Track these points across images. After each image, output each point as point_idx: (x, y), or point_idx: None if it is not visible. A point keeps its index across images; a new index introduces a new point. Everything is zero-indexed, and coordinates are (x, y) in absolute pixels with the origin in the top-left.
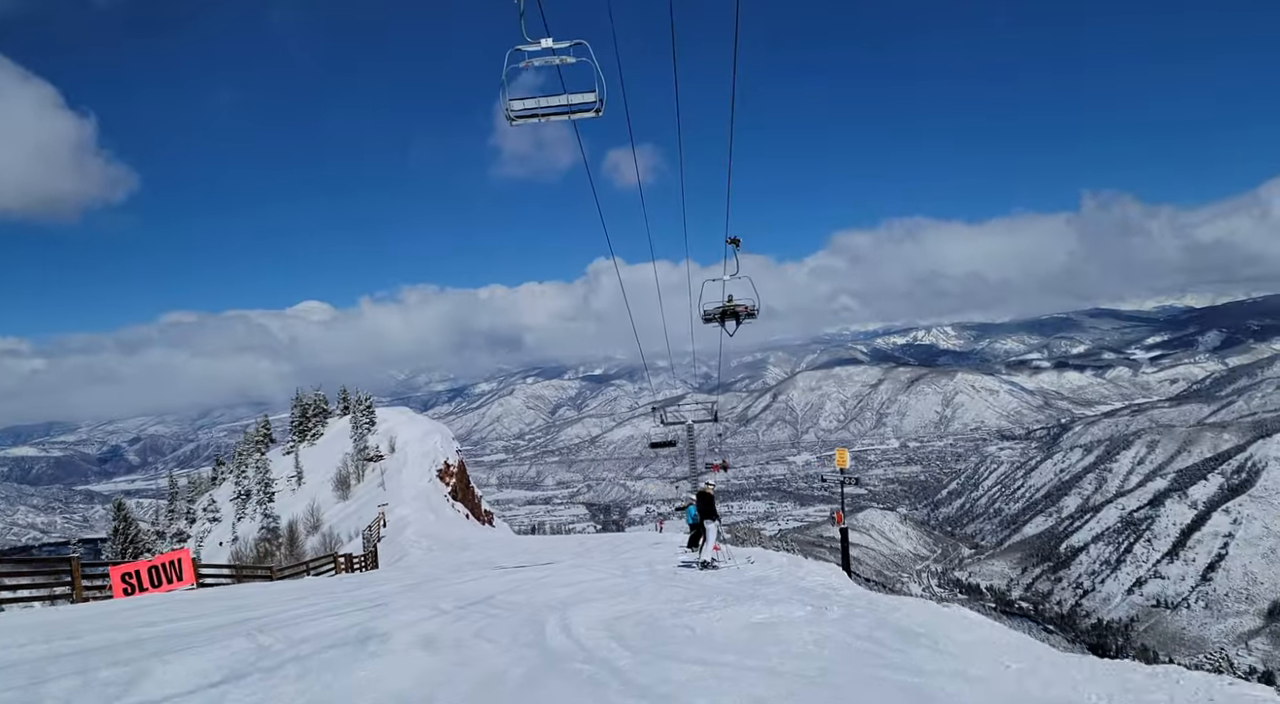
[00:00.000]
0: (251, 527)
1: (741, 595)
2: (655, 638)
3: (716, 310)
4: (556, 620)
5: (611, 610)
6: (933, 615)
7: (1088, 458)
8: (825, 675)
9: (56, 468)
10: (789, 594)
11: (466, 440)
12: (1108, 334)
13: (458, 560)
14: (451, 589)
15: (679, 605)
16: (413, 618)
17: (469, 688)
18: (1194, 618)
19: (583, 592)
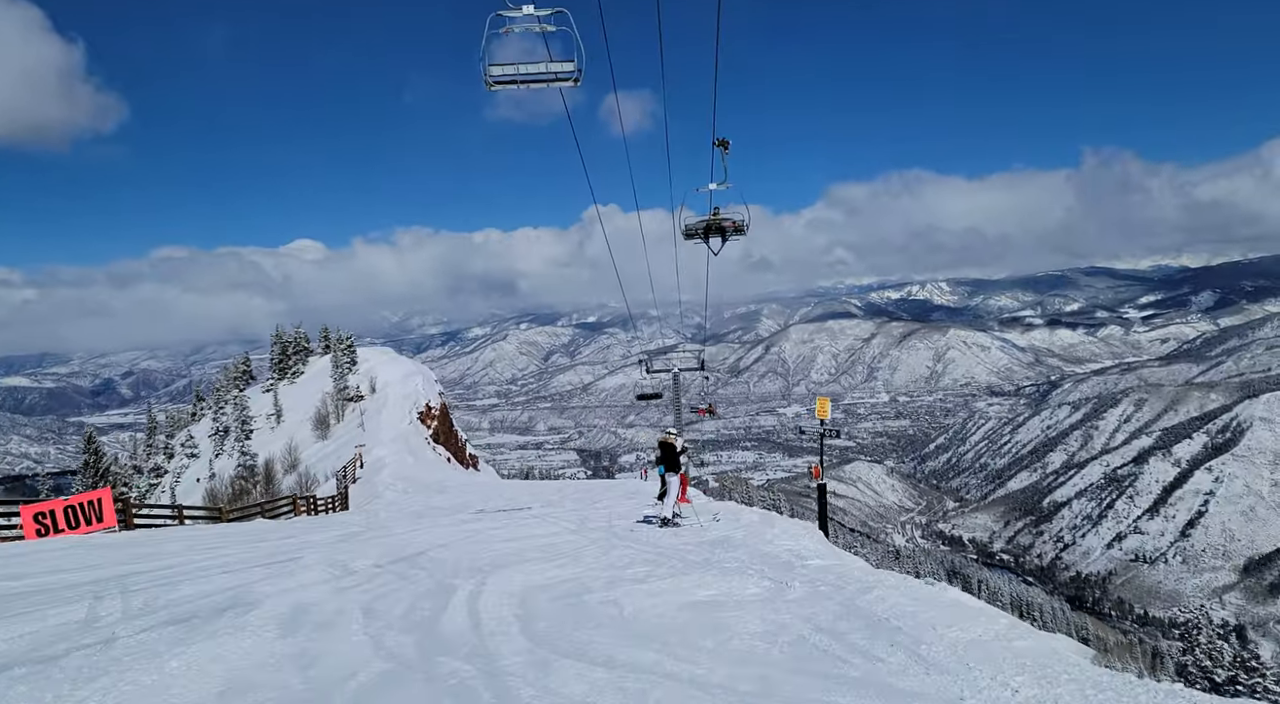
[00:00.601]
0: (229, 464)
1: (695, 562)
2: (571, 619)
3: (699, 225)
4: (470, 589)
5: (541, 577)
6: (913, 602)
7: (1075, 415)
8: (765, 692)
9: (49, 399)
10: (750, 562)
11: (459, 385)
12: (1102, 293)
13: (426, 505)
14: (388, 541)
15: (619, 572)
16: (307, 581)
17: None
18: (1170, 572)
19: (523, 550)
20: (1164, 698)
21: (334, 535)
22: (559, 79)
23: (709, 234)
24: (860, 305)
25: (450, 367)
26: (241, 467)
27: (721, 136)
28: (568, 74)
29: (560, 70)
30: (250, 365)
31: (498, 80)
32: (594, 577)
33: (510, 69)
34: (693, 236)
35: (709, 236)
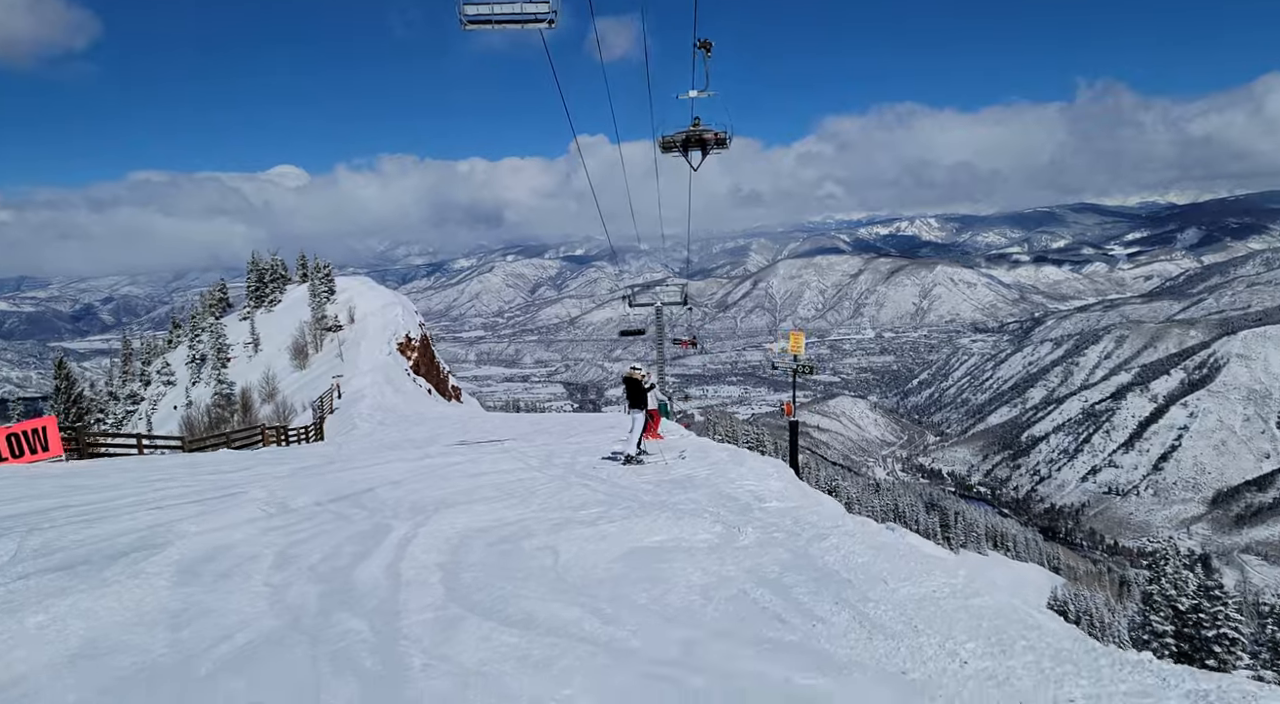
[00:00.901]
0: (205, 392)
1: (650, 503)
2: (501, 569)
3: (678, 137)
4: (405, 532)
5: (485, 518)
6: (869, 550)
7: (1057, 351)
8: (687, 659)
9: (29, 323)
10: (708, 503)
11: (445, 317)
12: (1089, 229)
13: (401, 437)
14: (343, 476)
15: (569, 514)
16: (235, 519)
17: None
18: (1142, 504)
19: (477, 487)
20: (1129, 671)
21: (290, 468)
22: (534, 20)
23: (688, 147)
24: (849, 241)
25: (436, 298)
26: (218, 395)
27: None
28: (542, 15)
29: (535, 11)
30: (227, 293)
31: (472, 20)
32: (541, 519)
33: (485, 9)
34: (671, 149)
35: (688, 150)
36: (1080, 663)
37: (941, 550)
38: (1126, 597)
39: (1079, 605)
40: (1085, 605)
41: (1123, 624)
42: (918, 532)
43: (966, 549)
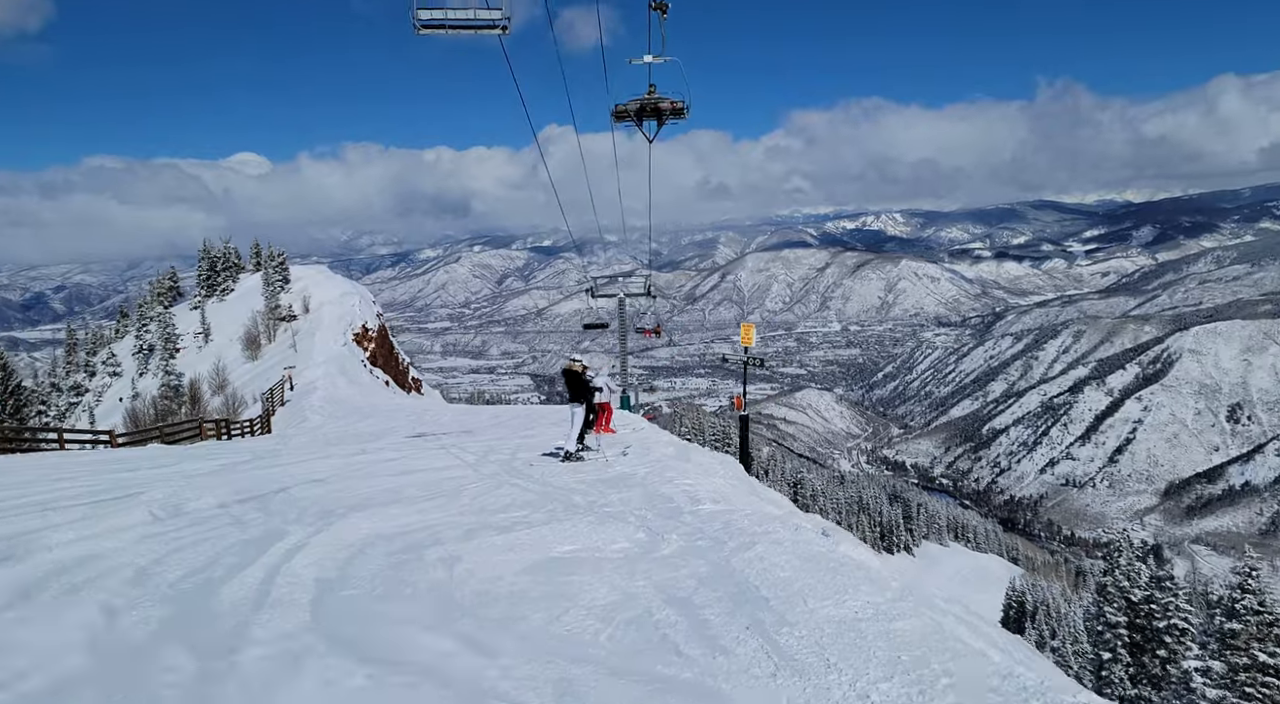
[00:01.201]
0: (153, 383)
1: (578, 504)
2: (387, 585)
3: (632, 105)
4: (298, 540)
5: (395, 522)
6: (797, 561)
7: (1017, 346)
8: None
9: None
10: (639, 505)
11: (410, 307)
12: (1049, 226)
13: (348, 430)
14: (262, 474)
15: (487, 518)
16: (117, 525)
17: None
18: (1097, 496)
19: (401, 487)
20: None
21: (215, 465)
22: (486, 26)
23: (642, 116)
24: (816, 235)
25: (401, 288)
26: (165, 387)
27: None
28: (496, 21)
29: (489, 18)
30: (178, 282)
31: (425, 24)
32: (455, 523)
33: (439, 14)
34: (624, 119)
35: (643, 119)
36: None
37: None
38: (1082, 587)
39: (1036, 596)
40: (1042, 596)
41: (1078, 614)
42: (877, 526)
43: (929, 540)
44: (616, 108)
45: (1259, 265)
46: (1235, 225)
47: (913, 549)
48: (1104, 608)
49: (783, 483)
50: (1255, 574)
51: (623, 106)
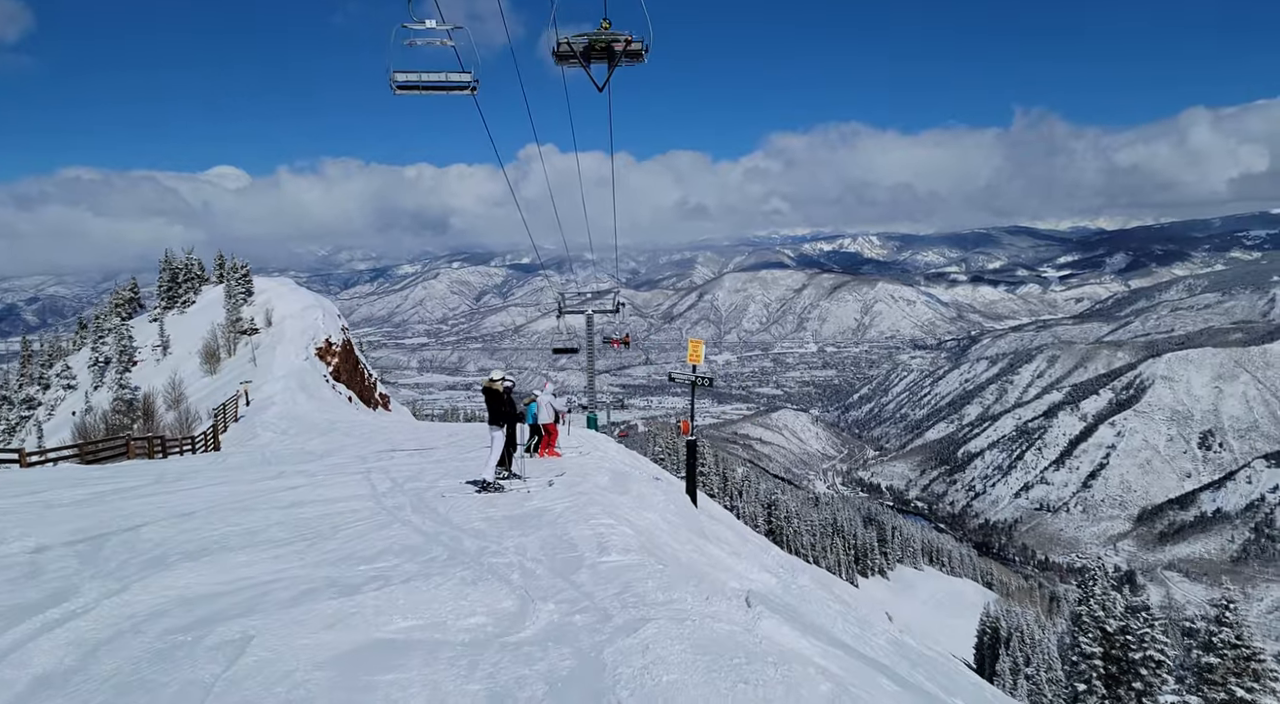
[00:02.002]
0: (108, 397)
1: (463, 552)
2: (122, 690)
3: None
4: (75, 605)
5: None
6: (690, 653)
7: (992, 369)
8: None
9: None
10: (535, 553)
11: (387, 322)
12: (1024, 251)
13: (296, 448)
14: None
15: (340, 572)
16: None
17: None
18: (1071, 521)
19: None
20: None
21: (87, 493)
22: (457, 87)
23: (590, 57)
24: (793, 256)
25: (379, 304)
26: (119, 400)
27: None
28: (465, 83)
29: (459, 80)
30: (139, 293)
31: (401, 86)
32: (298, 579)
33: (414, 76)
34: (568, 59)
35: (590, 61)
36: None
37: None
38: (1056, 613)
39: (1010, 622)
40: (1016, 622)
41: (1052, 641)
42: (851, 549)
43: (904, 564)
44: (558, 46)
45: (1229, 294)
46: (1206, 254)
47: (887, 573)
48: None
49: (757, 503)
50: (1232, 607)
51: (567, 43)
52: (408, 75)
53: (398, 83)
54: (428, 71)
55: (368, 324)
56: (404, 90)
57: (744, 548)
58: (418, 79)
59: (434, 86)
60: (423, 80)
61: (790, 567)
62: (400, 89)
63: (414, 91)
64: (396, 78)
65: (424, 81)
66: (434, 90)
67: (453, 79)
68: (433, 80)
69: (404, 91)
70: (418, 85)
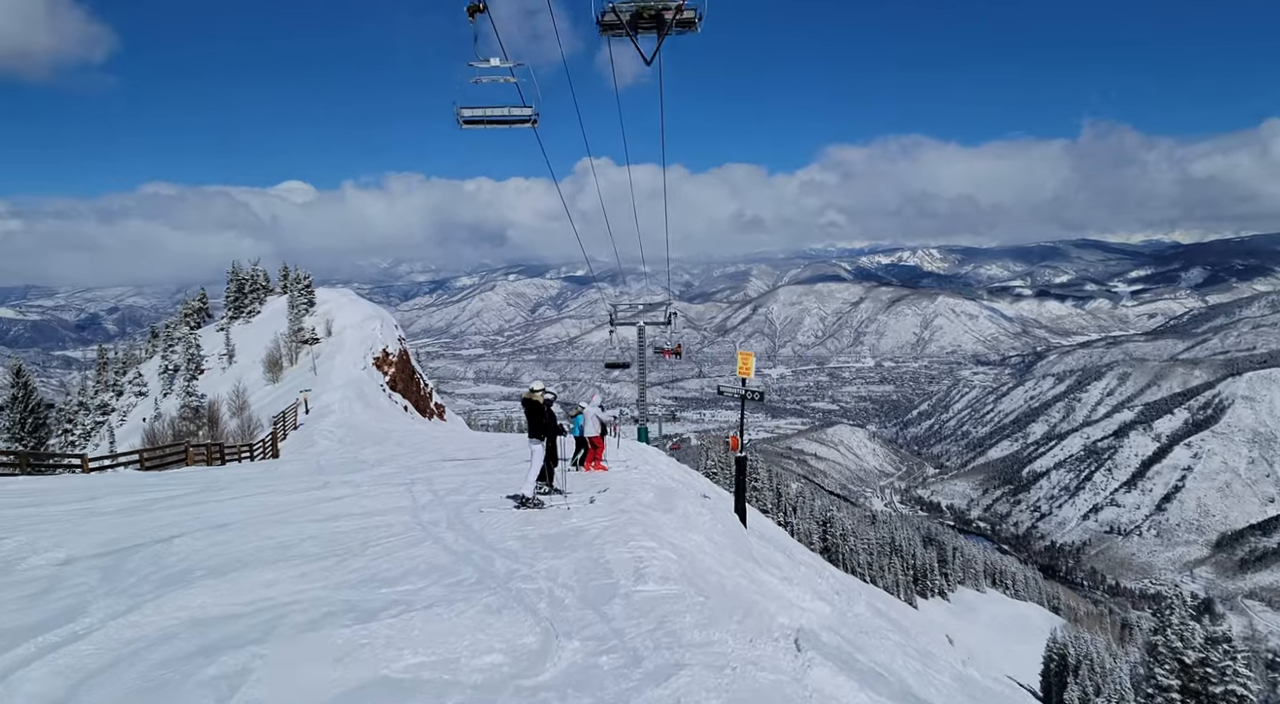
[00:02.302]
0: (176, 404)
1: (491, 576)
2: None
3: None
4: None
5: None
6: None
7: (1059, 387)
8: None
9: (34, 332)
10: (567, 578)
11: (445, 333)
12: (1092, 265)
13: (349, 457)
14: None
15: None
16: None
17: None
18: (1144, 545)
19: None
20: None
21: (132, 501)
22: (519, 121)
23: (638, 26)
24: (850, 269)
25: (438, 315)
26: (186, 407)
27: None
28: (526, 117)
29: (521, 114)
30: (207, 303)
31: (467, 121)
32: (316, 602)
33: (479, 112)
34: (614, 29)
35: (639, 30)
36: None
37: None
38: (1128, 641)
39: (1079, 649)
40: (1085, 649)
41: (1125, 671)
42: (910, 569)
43: (965, 586)
44: (603, 15)
45: None
46: None
47: (947, 595)
48: (1155, 669)
49: (811, 520)
50: None
51: (612, 13)
52: (473, 111)
53: (464, 118)
54: (492, 107)
55: (426, 335)
56: (470, 125)
57: (796, 572)
58: (482, 114)
59: (497, 121)
60: (487, 115)
61: (846, 592)
62: (466, 124)
63: (479, 126)
64: (463, 114)
65: (488, 116)
66: (497, 124)
67: (515, 113)
68: (496, 115)
69: (470, 126)
70: (482, 120)
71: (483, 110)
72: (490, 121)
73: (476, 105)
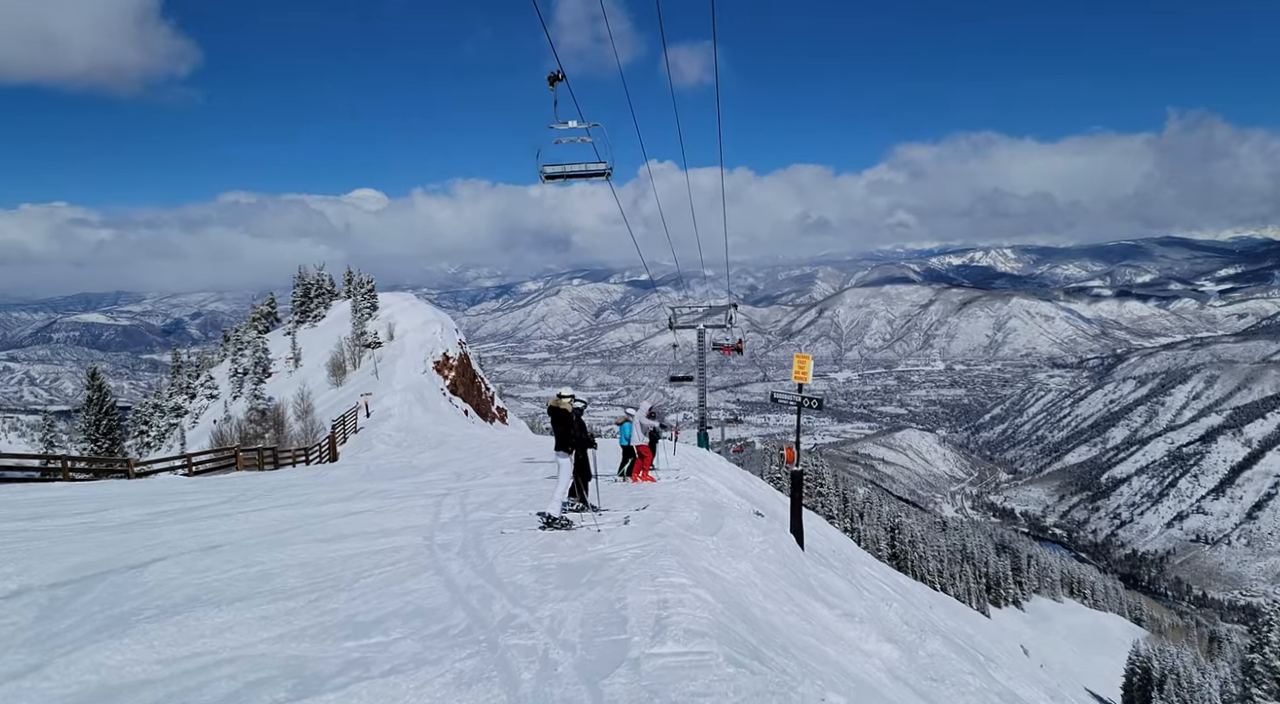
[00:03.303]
0: (244, 407)
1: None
2: None
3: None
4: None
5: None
6: None
7: (1140, 390)
8: None
9: (124, 336)
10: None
11: (511, 338)
12: (1177, 264)
13: (404, 462)
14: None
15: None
16: None
17: None
18: (1233, 555)
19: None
20: None
21: (140, 514)
22: (595, 175)
23: None
24: (919, 270)
25: (503, 320)
26: (253, 410)
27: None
28: (601, 170)
29: (596, 169)
30: (275, 307)
31: (549, 176)
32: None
33: (558, 167)
34: None
35: None
36: None
37: None
38: (1217, 655)
39: (1164, 662)
40: (1171, 663)
41: (1214, 687)
42: (982, 577)
43: (1040, 595)
44: None
45: None
46: None
47: (1022, 604)
48: (1252, 689)
49: (879, 526)
50: None
51: None
52: (553, 167)
53: (545, 174)
54: (571, 163)
55: (493, 339)
56: (550, 180)
57: (859, 602)
58: (561, 170)
59: (576, 175)
60: (566, 170)
61: (918, 624)
62: (547, 179)
63: (559, 180)
64: (545, 170)
65: (568, 171)
66: (575, 178)
67: (591, 168)
68: (575, 170)
69: (550, 180)
70: (561, 175)
71: (562, 166)
72: (570, 175)
73: (557, 162)
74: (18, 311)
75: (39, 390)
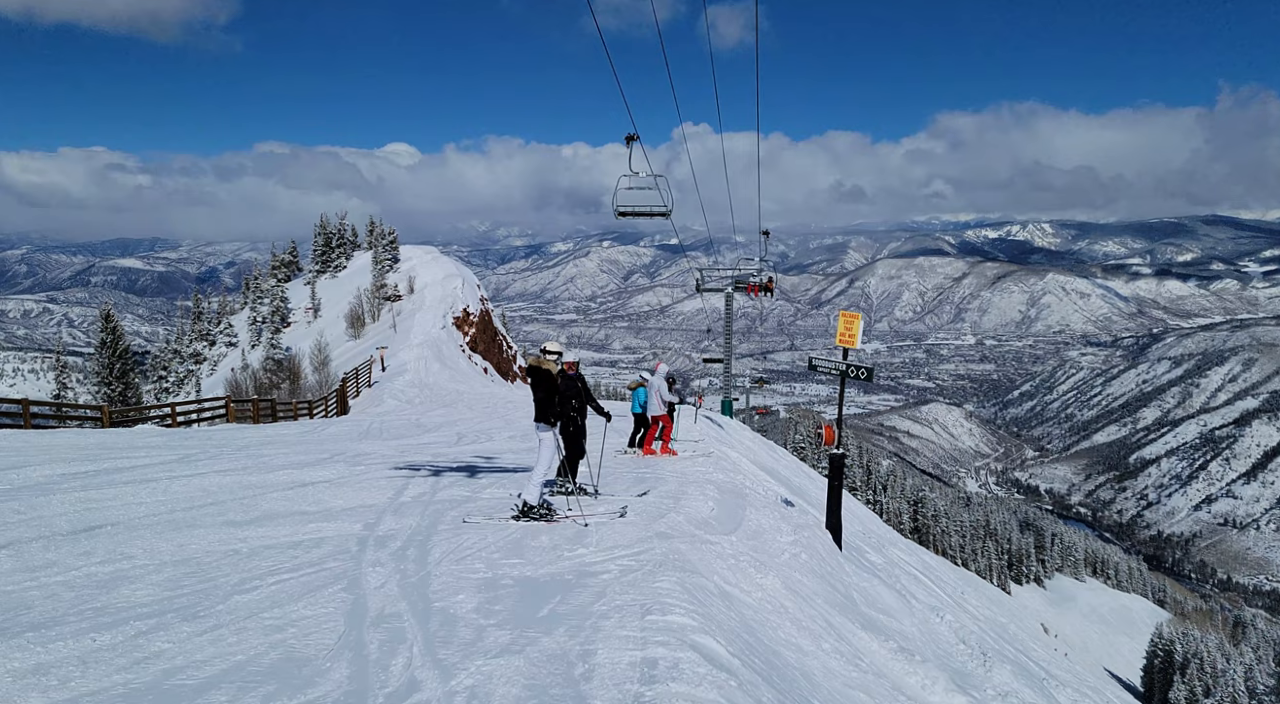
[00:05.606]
0: (261, 356)
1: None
2: None
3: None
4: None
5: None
6: None
7: (1175, 371)
8: None
9: (160, 282)
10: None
11: (539, 298)
12: (1221, 243)
13: (412, 419)
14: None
15: None
16: None
17: None
18: (1261, 539)
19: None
20: None
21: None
22: (659, 214)
23: None
24: (954, 243)
25: (532, 280)
26: (270, 360)
27: None
28: (663, 210)
29: (660, 209)
30: (297, 256)
31: (621, 212)
32: None
33: (629, 206)
34: None
35: None
36: None
37: None
38: (1243, 640)
39: (1187, 646)
40: (1195, 647)
41: (1238, 673)
42: (1004, 554)
43: (1063, 573)
44: None
45: None
46: None
47: (1044, 581)
48: None
49: (902, 499)
50: None
51: None
52: (625, 206)
53: (619, 210)
54: (639, 204)
55: (521, 299)
56: (623, 215)
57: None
58: (631, 208)
59: (643, 212)
60: (635, 209)
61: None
62: (620, 215)
63: (630, 215)
64: (619, 208)
65: (636, 209)
66: (642, 215)
67: (655, 209)
68: (642, 209)
69: (622, 216)
70: (631, 212)
71: (632, 205)
72: (637, 213)
73: (627, 203)
74: (57, 253)
75: (77, 332)
